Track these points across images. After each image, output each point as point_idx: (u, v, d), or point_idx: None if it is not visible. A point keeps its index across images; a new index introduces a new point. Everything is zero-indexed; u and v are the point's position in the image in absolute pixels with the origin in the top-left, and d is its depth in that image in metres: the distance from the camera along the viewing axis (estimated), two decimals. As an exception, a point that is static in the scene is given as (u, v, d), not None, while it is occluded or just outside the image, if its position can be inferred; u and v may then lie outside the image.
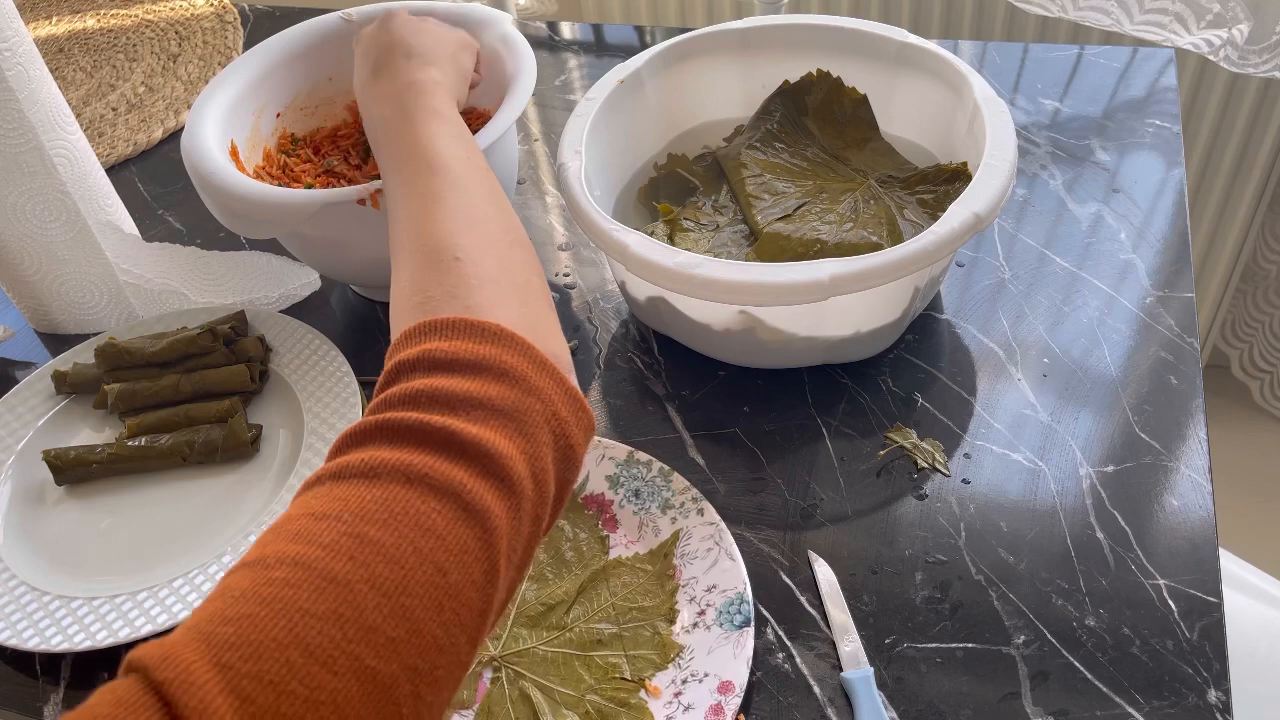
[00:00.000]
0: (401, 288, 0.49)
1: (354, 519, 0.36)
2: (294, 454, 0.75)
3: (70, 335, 0.89)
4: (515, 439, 0.41)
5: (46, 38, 1.28)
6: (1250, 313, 1.63)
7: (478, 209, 0.52)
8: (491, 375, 0.42)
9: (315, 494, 0.38)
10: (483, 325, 0.44)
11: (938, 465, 0.70)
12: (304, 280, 0.88)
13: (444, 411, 0.40)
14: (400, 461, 0.38)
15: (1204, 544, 0.64)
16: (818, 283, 0.64)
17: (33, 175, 0.79)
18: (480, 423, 0.40)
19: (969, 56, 1.04)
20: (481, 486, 0.38)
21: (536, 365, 0.43)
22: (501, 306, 0.46)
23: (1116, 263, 0.81)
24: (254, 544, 0.37)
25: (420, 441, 0.39)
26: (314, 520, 0.36)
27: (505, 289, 0.47)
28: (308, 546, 0.35)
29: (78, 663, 0.67)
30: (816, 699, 0.60)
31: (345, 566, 0.35)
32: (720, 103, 0.89)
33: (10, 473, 0.76)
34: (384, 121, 0.60)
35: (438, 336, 0.43)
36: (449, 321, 0.44)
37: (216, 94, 0.82)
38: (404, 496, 0.37)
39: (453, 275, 0.47)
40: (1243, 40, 1.21)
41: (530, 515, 0.41)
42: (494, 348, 0.43)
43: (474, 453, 0.39)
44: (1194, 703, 0.57)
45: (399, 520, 0.36)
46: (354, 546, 0.35)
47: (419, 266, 0.48)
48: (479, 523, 0.38)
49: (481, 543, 0.38)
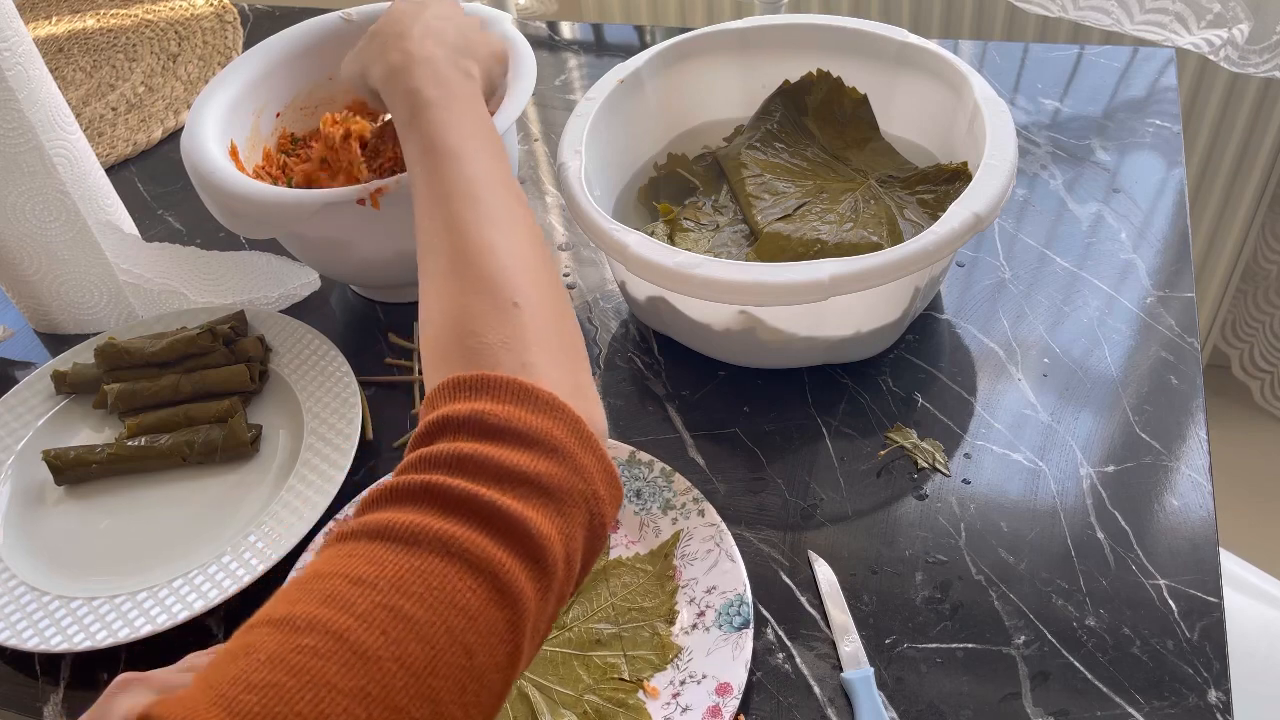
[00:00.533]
0: (448, 314, 0.47)
1: (390, 589, 0.35)
2: (294, 454, 0.75)
3: (70, 335, 0.89)
4: (555, 519, 0.40)
5: (46, 38, 1.28)
6: (1250, 313, 1.63)
7: (535, 248, 0.51)
8: (541, 450, 0.41)
9: (352, 552, 0.37)
10: (536, 393, 0.43)
11: (938, 465, 0.70)
12: (304, 280, 0.88)
13: (491, 484, 0.39)
14: (443, 532, 0.37)
15: (1204, 544, 0.64)
16: (818, 283, 0.64)
17: (33, 175, 0.79)
18: (524, 500, 0.39)
19: (969, 56, 1.04)
20: (517, 567, 0.38)
21: (582, 441, 0.43)
22: (554, 368, 0.45)
23: (1117, 263, 0.81)
24: (282, 595, 0.36)
25: (465, 513, 0.38)
26: (349, 584, 0.36)
27: (557, 349, 0.47)
28: (341, 613, 0.35)
29: (77, 663, 0.67)
30: (816, 699, 0.60)
31: (377, 641, 0.34)
32: (720, 103, 0.89)
33: (10, 473, 0.76)
34: (427, 110, 0.57)
35: (490, 397, 0.42)
36: (504, 382, 0.43)
37: (216, 94, 0.82)
38: (442, 571, 0.36)
39: (510, 323, 0.46)
40: (1243, 40, 1.21)
41: (557, 594, 0.40)
42: (546, 419, 0.42)
43: (516, 532, 0.38)
44: (1194, 703, 0.57)
45: (434, 596, 0.36)
46: (387, 620, 0.35)
47: (473, 298, 0.47)
48: (510, 605, 0.37)
49: (510, 625, 0.37)
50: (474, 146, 0.55)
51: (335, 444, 0.73)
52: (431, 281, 0.50)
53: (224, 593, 0.66)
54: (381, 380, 0.81)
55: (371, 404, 0.79)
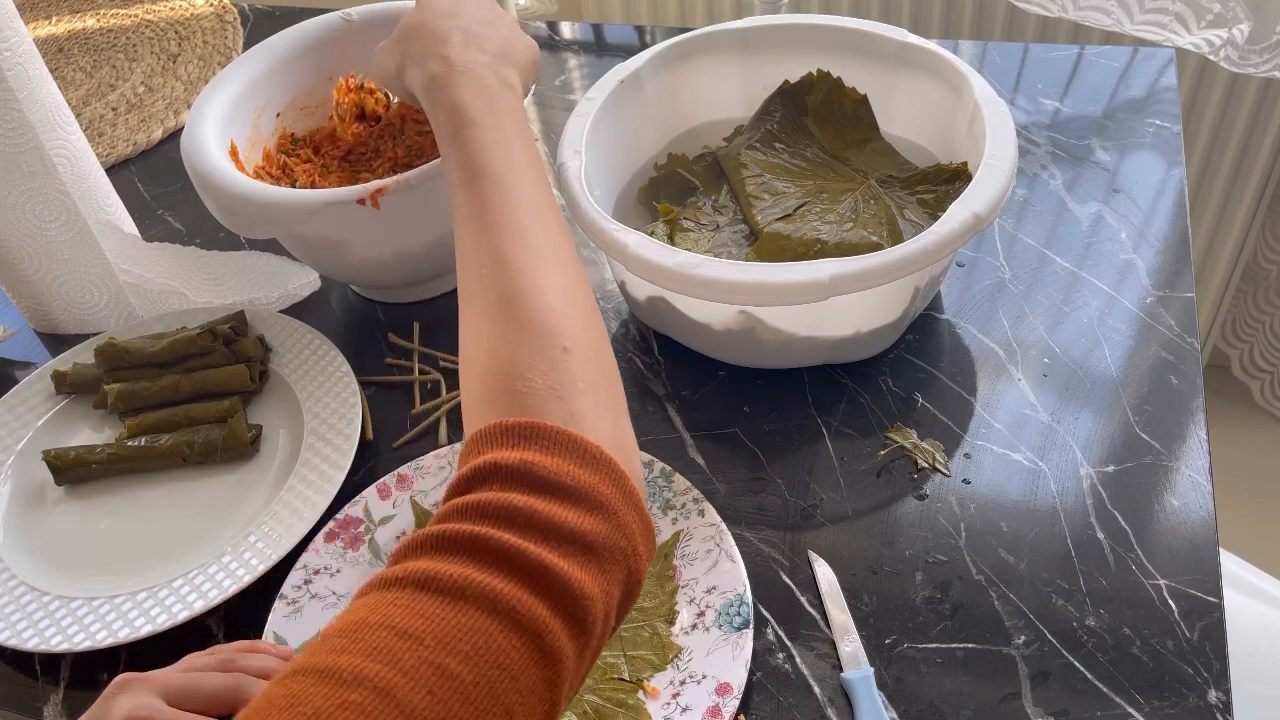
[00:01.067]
0: (496, 355, 0.46)
1: (437, 646, 0.35)
2: (294, 454, 0.75)
3: (70, 335, 0.89)
4: (597, 577, 0.40)
5: (46, 38, 1.28)
6: (1250, 313, 1.63)
7: (582, 285, 0.50)
8: (588, 506, 0.41)
9: (396, 601, 0.37)
10: (584, 445, 0.42)
11: (938, 465, 0.70)
12: (304, 280, 0.88)
13: (539, 539, 0.39)
14: (490, 588, 0.37)
15: (1204, 544, 0.64)
16: (818, 283, 0.64)
17: (33, 175, 0.79)
18: (570, 558, 0.39)
19: (969, 56, 1.04)
20: (560, 627, 0.38)
21: (627, 498, 0.43)
22: (600, 418, 0.45)
23: (1117, 263, 0.81)
24: (326, 642, 0.36)
25: (512, 569, 0.38)
26: (395, 637, 0.35)
27: (604, 396, 0.46)
28: (388, 669, 0.34)
29: (77, 663, 0.67)
30: (816, 699, 0.60)
31: (423, 701, 0.34)
32: (720, 103, 0.89)
33: (10, 473, 0.76)
34: (471, 129, 0.55)
35: (540, 447, 0.42)
36: (553, 432, 0.42)
37: (216, 94, 0.82)
38: (488, 629, 0.36)
39: (560, 370, 0.45)
40: (1243, 40, 1.21)
41: (593, 651, 0.40)
42: (594, 475, 0.42)
43: (562, 592, 0.38)
44: (1194, 703, 0.57)
45: (480, 655, 0.36)
46: (434, 679, 0.35)
47: (523, 340, 0.46)
48: (551, 665, 0.37)
49: (548, 684, 0.37)
50: (519, 171, 0.53)
51: (335, 444, 0.73)
52: (477, 318, 0.49)
53: (224, 593, 0.66)
54: (381, 380, 0.81)
55: (371, 404, 0.79)
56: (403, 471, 0.72)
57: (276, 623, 0.65)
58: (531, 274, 0.49)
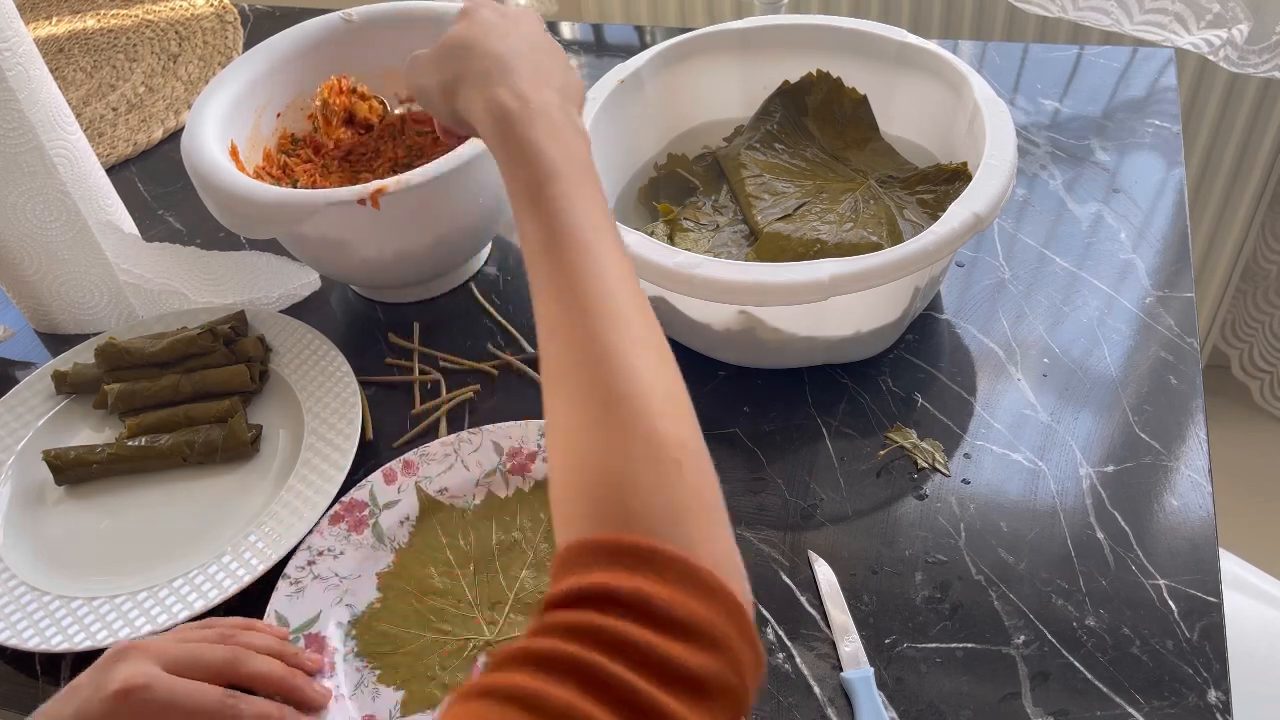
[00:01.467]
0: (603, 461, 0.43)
1: None
2: (294, 454, 0.75)
3: (70, 335, 0.89)
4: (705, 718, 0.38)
5: (46, 38, 1.28)
6: (1250, 313, 1.63)
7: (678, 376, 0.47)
8: (704, 644, 0.39)
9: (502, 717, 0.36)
10: (700, 574, 0.40)
11: (938, 465, 0.70)
12: (304, 280, 0.88)
13: (652, 676, 0.37)
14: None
15: (1204, 544, 0.64)
16: (818, 283, 0.64)
17: (33, 175, 0.79)
18: (680, 698, 0.38)
19: (969, 56, 1.04)
20: None
21: (741, 632, 0.40)
22: (713, 542, 0.42)
23: (1116, 263, 0.81)
24: None
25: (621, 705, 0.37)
26: None
27: (716, 517, 0.43)
28: None
29: (78, 663, 0.67)
30: (816, 699, 0.60)
31: None
32: (720, 103, 0.89)
33: (10, 473, 0.76)
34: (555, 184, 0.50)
35: (655, 573, 0.39)
36: (669, 558, 0.40)
37: (217, 94, 0.82)
38: None
39: (674, 486, 0.42)
40: (1243, 40, 1.21)
41: None
42: (710, 609, 0.40)
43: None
44: (1194, 703, 0.57)
45: None
46: None
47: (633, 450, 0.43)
48: None
49: None
50: (604, 236, 0.49)
51: (335, 444, 0.73)
52: (575, 410, 0.45)
53: (224, 593, 0.66)
54: (381, 380, 0.81)
55: (371, 404, 0.79)
56: (409, 458, 0.72)
57: (279, 602, 0.65)
58: (637, 372, 0.45)
